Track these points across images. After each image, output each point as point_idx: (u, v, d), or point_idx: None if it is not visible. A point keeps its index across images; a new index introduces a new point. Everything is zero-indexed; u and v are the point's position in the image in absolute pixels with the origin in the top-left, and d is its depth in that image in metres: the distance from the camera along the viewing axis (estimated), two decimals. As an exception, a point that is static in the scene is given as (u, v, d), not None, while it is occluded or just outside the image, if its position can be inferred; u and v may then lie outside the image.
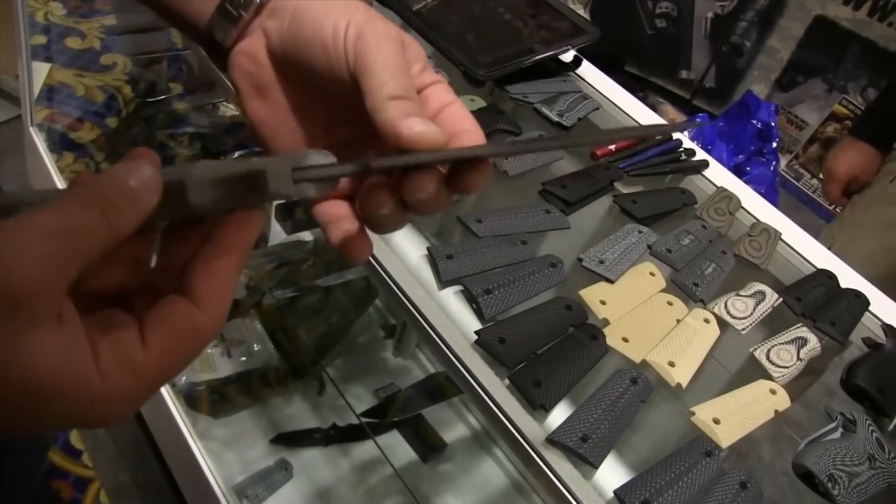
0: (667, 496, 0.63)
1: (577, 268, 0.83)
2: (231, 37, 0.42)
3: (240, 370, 1.51)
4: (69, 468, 1.57)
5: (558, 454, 0.63)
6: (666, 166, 1.04)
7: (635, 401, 0.70)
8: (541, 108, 1.04)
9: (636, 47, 3.32)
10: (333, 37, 0.38)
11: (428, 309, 0.70)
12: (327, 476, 1.43)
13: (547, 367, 0.68)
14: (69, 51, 2.46)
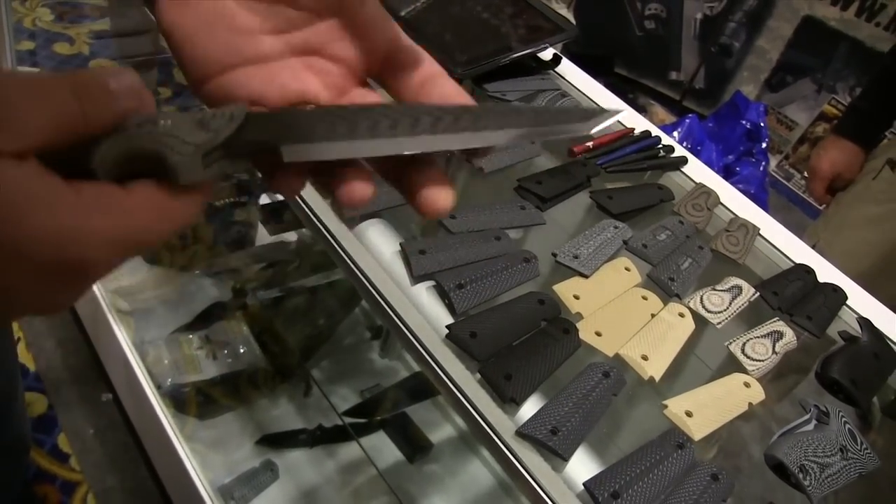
0: (637, 488, 0.63)
1: (552, 263, 0.83)
2: None
3: (225, 372, 1.51)
4: (56, 472, 1.57)
5: (528, 447, 0.63)
6: (644, 163, 1.04)
7: (607, 394, 0.70)
8: (519, 106, 1.04)
9: (625, 49, 3.33)
10: None
11: (399, 304, 0.70)
12: (313, 477, 1.43)
13: (518, 361, 0.69)
14: (57, 56, 2.46)
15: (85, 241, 0.28)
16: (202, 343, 1.52)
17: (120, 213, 0.29)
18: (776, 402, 0.79)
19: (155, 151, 0.30)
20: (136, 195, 0.30)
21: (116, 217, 0.29)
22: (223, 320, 1.56)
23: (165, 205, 0.31)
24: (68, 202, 0.28)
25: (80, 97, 0.29)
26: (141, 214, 0.30)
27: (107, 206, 0.29)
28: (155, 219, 0.31)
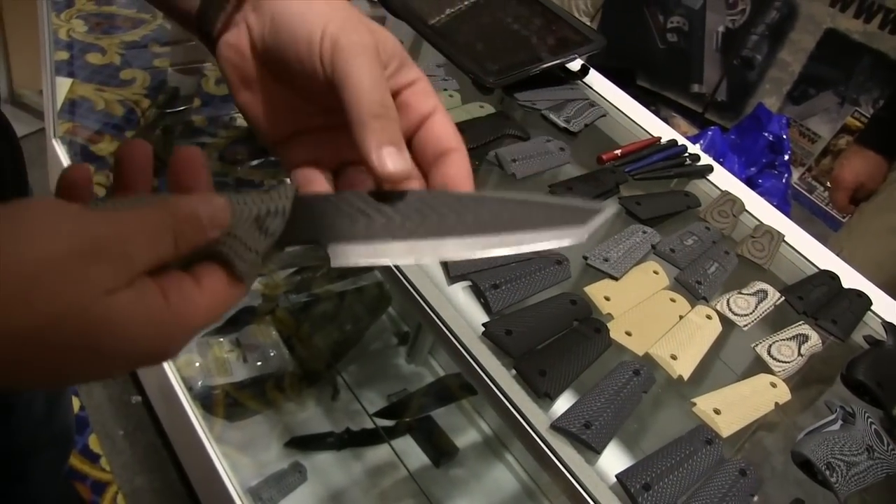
0: (667, 481, 0.65)
1: (583, 266, 0.85)
2: (216, 26, 0.44)
3: (255, 375, 1.54)
4: (87, 471, 1.60)
5: (562, 440, 0.66)
6: (671, 170, 1.06)
7: (637, 391, 0.72)
8: (548, 115, 1.06)
9: (648, 61, 3.35)
10: (308, 47, 0.40)
11: (438, 303, 0.73)
12: (340, 479, 1.45)
13: (552, 358, 0.71)
14: (90, 66, 2.51)
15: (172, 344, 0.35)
16: (233, 346, 1.56)
17: (197, 310, 0.35)
18: (802, 403, 0.81)
19: (224, 257, 0.37)
20: (207, 290, 0.36)
21: (195, 317, 0.35)
22: (253, 324, 1.59)
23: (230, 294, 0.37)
24: (163, 316, 0.34)
25: (176, 238, 0.35)
26: (213, 306, 0.36)
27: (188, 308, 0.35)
28: (222, 307, 0.37)
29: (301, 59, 0.41)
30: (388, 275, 0.77)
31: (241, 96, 0.45)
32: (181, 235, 0.35)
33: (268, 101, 0.45)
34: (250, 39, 0.44)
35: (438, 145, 0.42)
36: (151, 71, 2.52)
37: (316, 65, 0.40)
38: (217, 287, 0.37)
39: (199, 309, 0.36)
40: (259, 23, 0.43)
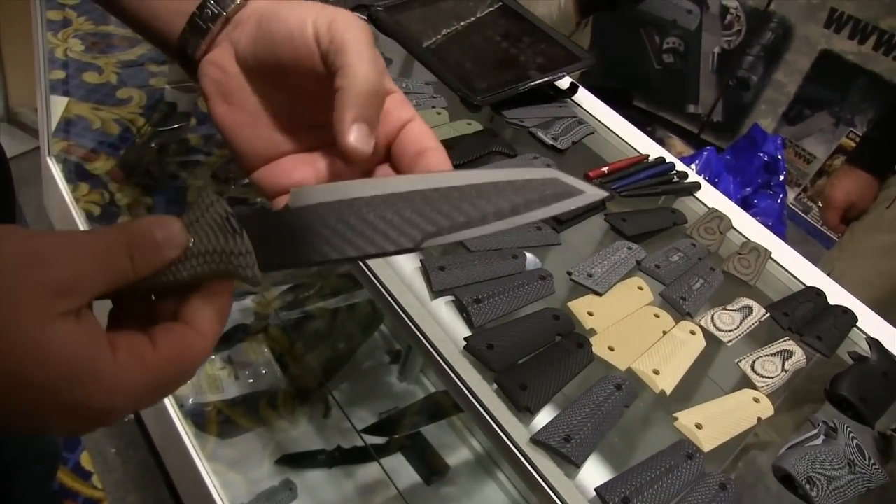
0: (647, 494, 0.65)
1: (567, 281, 0.86)
2: (201, 49, 0.45)
3: (247, 392, 1.54)
4: (79, 489, 1.60)
5: (542, 454, 0.66)
6: (658, 187, 1.07)
7: (619, 405, 0.72)
8: (536, 132, 1.07)
9: (644, 82, 3.38)
10: (300, 28, 0.41)
11: (419, 317, 0.73)
12: (331, 497, 1.45)
13: (533, 373, 0.71)
14: (86, 85, 2.53)
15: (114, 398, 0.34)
16: (224, 363, 1.56)
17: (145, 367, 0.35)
18: (785, 418, 0.81)
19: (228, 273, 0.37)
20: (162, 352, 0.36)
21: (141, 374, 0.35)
22: (245, 342, 1.60)
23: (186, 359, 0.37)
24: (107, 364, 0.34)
25: (133, 258, 0.35)
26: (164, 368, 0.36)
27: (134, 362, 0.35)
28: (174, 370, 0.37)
29: (294, 42, 0.41)
30: (373, 289, 0.77)
31: (217, 110, 0.46)
32: (138, 254, 0.35)
33: (246, 115, 0.45)
34: (235, 53, 0.44)
35: (417, 145, 0.43)
36: (147, 90, 2.54)
37: (310, 43, 0.41)
38: (170, 351, 0.36)
39: (147, 369, 0.35)
40: (244, 33, 0.44)
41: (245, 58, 0.44)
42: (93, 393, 0.33)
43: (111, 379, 0.34)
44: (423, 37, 1.13)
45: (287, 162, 0.46)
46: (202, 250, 0.37)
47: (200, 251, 0.37)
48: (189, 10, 0.45)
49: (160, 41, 0.48)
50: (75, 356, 0.32)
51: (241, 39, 0.44)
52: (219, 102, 0.45)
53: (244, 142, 0.46)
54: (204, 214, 0.38)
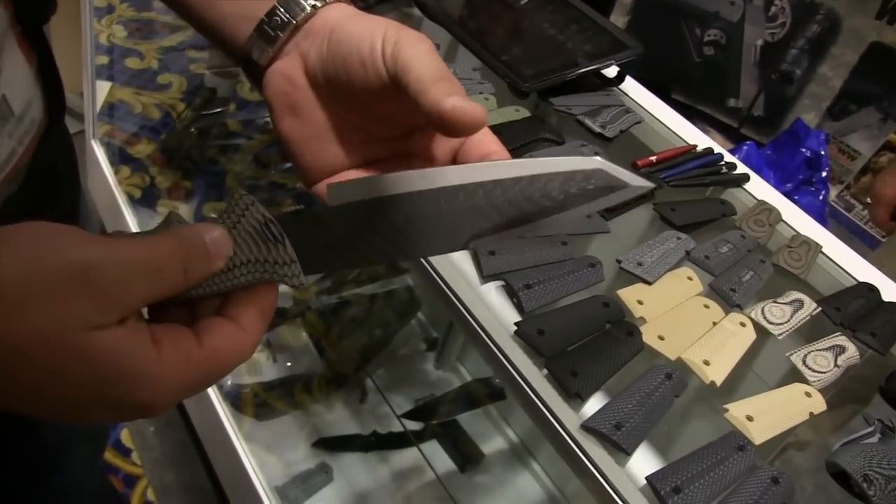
0: (698, 485, 0.64)
1: (616, 270, 0.85)
2: (267, 56, 0.45)
3: (284, 376, 1.55)
4: (119, 465, 1.62)
5: (593, 441, 0.65)
6: (706, 178, 1.05)
7: (669, 395, 0.71)
8: (583, 120, 1.06)
9: (683, 75, 3.33)
10: (370, 49, 0.41)
11: (470, 301, 0.73)
12: (366, 481, 1.46)
13: (583, 359, 0.71)
14: (129, 70, 2.55)
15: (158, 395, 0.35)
16: (263, 347, 1.57)
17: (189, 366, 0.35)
18: (838, 414, 0.80)
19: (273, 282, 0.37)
20: (206, 348, 0.36)
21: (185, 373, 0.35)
22: (283, 326, 1.60)
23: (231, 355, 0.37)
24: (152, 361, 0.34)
25: (188, 273, 0.35)
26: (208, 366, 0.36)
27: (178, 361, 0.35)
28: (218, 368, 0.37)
29: (364, 62, 0.41)
30: (421, 273, 0.77)
31: (283, 123, 0.45)
32: (191, 265, 0.35)
33: (312, 129, 0.45)
34: (305, 66, 0.44)
35: (481, 150, 0.43)
36: (187, 75, 2.56)
37: (378, 63, 0.40)
38: (215, 346, 0.37)
39: (191, 365, 0.35)
40: (315, 46, 0.43)
41: (314, 72, 0.44)
42: (137, 390, 0.34)
43: (155, 377, 0.34)
44: (469, 22, 1.12)
45: (350, 175, 0.46)
46: (244, 260, 0.37)
47: (243, 261, 0.37)
48: (257, 16, 0.45)
49: (225, 45, 0.47)
50: (119, 358, 0.33)
51: (311, 53, 0.44)
52: (285, 115, 0.45)
53: (310, 157, 0.45)
54: (241, 220, 0.37)
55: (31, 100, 0.50)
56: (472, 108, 0.38)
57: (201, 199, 2.03)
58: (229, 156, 2.02)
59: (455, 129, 0.39)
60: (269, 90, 0.45)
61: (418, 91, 0.39)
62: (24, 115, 0.49)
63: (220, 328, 0.37)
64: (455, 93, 0.39)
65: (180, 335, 0.36)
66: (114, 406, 0.34)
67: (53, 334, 0.31)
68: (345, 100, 0.44)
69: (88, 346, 0.32)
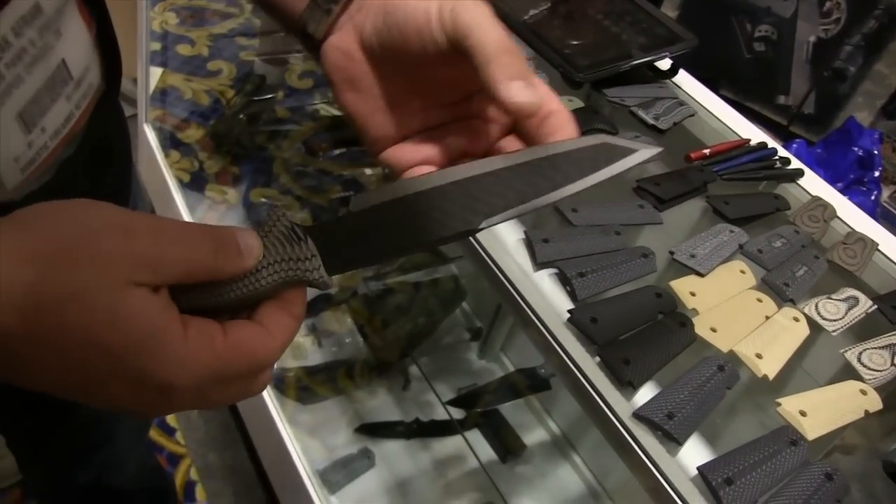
0: (750, 477, 0.64)
1: (668, 261, 0.85)
2: (322, 29, 0.45)
3: (329, 360, 1.57)
4: (164, 444, 1.65)
5: (644, 429, 0.65)
6: (760, 172, 1.04)
7: (721, 387, 0.71)
8: (637, 111, 1.06)
9: (732, 71, 3.29)
10: (426, 16, 0.41)
11: (524, 287, 0.73)
12: (407, 468, 1.47)
13: (636, 348, 0.71)
14: (180, 57, 2.59)
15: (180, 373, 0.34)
16: (308, 331, 1.59)
17: (214, 352, 0.35)
18: (893, 414, 0.79)
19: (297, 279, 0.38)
20: (231, 340, 0.36)
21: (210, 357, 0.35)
22: (329, 311, 1.62)
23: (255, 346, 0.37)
24: (178, 338, 0.34)
25: (217, 254, 0.36)
26: (232, 359, 0.36)
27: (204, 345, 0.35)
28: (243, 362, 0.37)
29: (420, 30, 0.41)
30: (476, 260, 0.78)
31: (345, 97, 0.46)
32: (222, 253, 0.36)
33: (374, 101, 0.45)
34: (360, 39, 0.44)
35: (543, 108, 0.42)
36: (237, 62, 2.59)
37: (435, 31, 0.41)
38: (241, 341, 0.37)
39: (214, 353, 0.35)
40: (370, 18, 0.44)
41: (370, 45, 0.44)
42: (158, 362, 0.34)
43: (178, 352, 0.34)
44: (521, 12, 1.12)
45: (414, 140, 0.46)
46: (271, 261, 0.38)
47: (270, 262, 0.38)
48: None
49: (282, 19, 0.48)
50: (146, 323, 0.33)
51: (366, 25, 0.44)
52: (346, 89, 0.46)
53: (375, 127, 0.46)
54: (272, 229, 0.39)
55: (89, 65, 0.51)
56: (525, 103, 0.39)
57: (249, 185, 2.05)
58: (277, 142, 2.04)
59: (510, 113, 0.40)
60: (327, 64, 0.46)
61: (480, 63, 0.40)
62: (82, 79, 0.50)
63: (246, 327, 0.37)
64: (515, 72, 0.40)
65: (207, 324, 0.36)
66: (133, 380, 0.34)
67: (91, 288, 0.32)
68: (403, 69, 0.44)
69: (121, 303, 0.32)
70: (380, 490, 1.43)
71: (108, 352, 0.33)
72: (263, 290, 0.38)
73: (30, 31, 0.42)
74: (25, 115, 0.45)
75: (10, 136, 0.44)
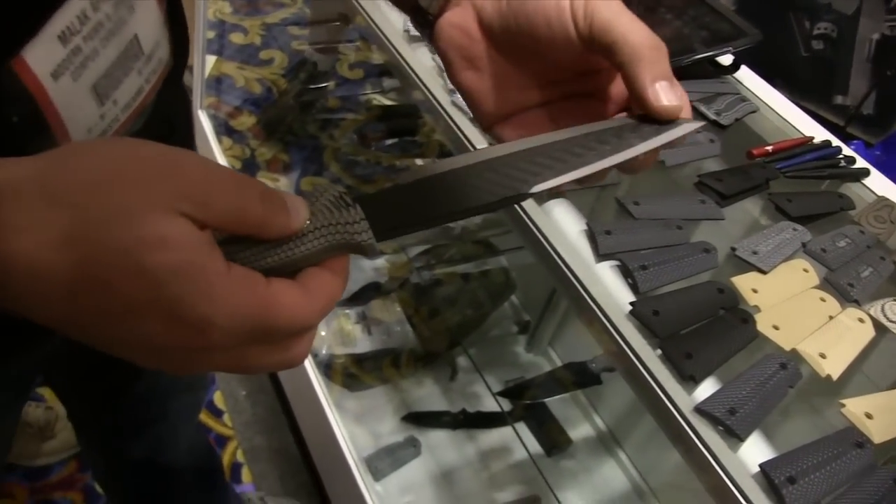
0: (813, 477, 0.63)
1: (729, 257, 0.84)
2: (437, 4, 0.45)
3: (378, 348, 1.58)
4: (211, 425, 1.68)
5: (705, 424, 0.65)
6: (824, 170, 1.03)
7: (783, 385, 0.70)
8: (698, 106, 1.05)
9: (788, 69, 3.23)
10: (558, 10, 0.41)
11: (585, 278, 0.73)
12: (453, 458, 1.47)
13: (698, 343, 0.70)
14: (233, 45, 2.61)
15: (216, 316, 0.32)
16: (358, 319, 1.60)
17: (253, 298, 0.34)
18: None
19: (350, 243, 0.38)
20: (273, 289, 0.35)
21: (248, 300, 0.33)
22: (378, 300, 1.63)
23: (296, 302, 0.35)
24: (220, 273, 0.33)
25: (264, 204, 0.35)
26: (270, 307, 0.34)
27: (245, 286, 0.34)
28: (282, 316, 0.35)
29: (550, 22, 0.41)
30: (538, 248, 0.78)
31: (462, 76, 0.46)
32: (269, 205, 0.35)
33: (491, 80, 0.46)
34: (479, 18, 0.45)
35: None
36: (289, 52, 2.61)
37: (568, 24, 0.41)
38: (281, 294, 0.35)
39: (254, 298, 0.34)
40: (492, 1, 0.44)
41: (490, 25, 0.44)
42: (198, 297, 0.32)
43: (218, 286, 0.32)
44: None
45: (527, 116, 0.47)
46: (318, 226, 0.37)
47: (317, 226, 0.37)
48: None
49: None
50: (190, 251, 0.32)
51: (487, 7, 0.44)
52: (463, 67, 0.46)
53: (489, 104, 0.46)
54: (319, 198, 0.39)
55: (160, 41, 0.52)
56: (670, 106, 0.40)
57: (300, 174, 2.07)
58: (329, 131, 2.05)
59: (654, 114, 0.41)
60: (442, 42, 0.46)
61: (624, 62, 0.40)
62: (152, 54, 0.51)
63: (287, 284, 0.36)
64: (660, 72, 0.40)
65: (251, 271, 0.35)
66: (170, 312, 0.32)
67: (137, 210, 0.31)
68: (522, 51, 0.44)
69: (165, 229, 0.31)
70: (425, 479, 1.44)
71: (147, 275, 0.31)
72: (309, 254, 0.37)
73: (106, 5, 0.43)
74: (99, 87, 0.45)
75: (85, 107, 0.45)
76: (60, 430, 1.51)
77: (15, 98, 0.40)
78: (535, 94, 0.46)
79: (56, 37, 0.40)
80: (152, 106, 0.56)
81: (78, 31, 0.41)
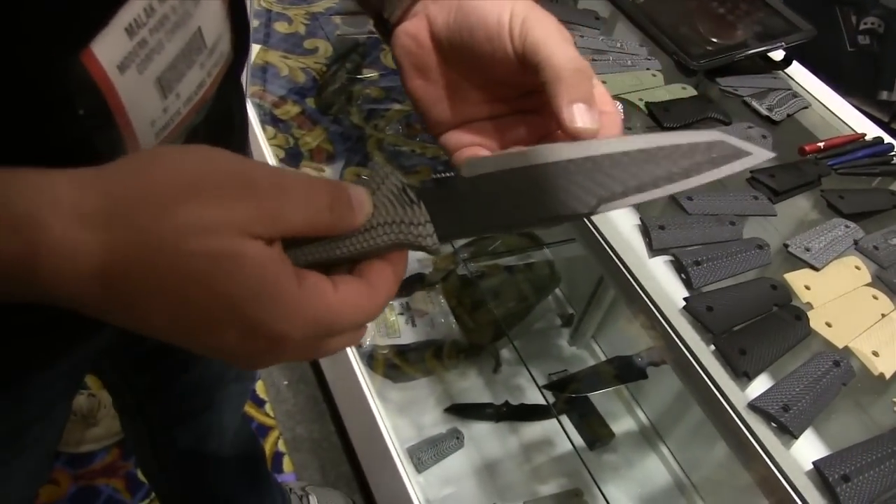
0: (868, 476, 0.63)
1: (782, 253, 0.84)
2: (396, 14, 0.47)
3: (422, 340, 1.59)
4: (253, 414, 1.70)
5: (759, 420, 0.65)
6: (876, 168, 1.02)
7: (836, 382, 0.70)
8: (750, 102, 1.04)
9: (833, 64, 3.17)
10: (498, 24, 0.42)
11: (639, 273, 0.74)
12: (495, 450, 1.48)
13: (751, 339, 0.70)
14: (277, 34, 2.63)
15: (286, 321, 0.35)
16: (403, 310, 1.61)
17: (322, 304, 0.36)
18: None
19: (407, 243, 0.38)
20: (341, 293, 0.37)
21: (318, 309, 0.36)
22: (422, 291, 1.64)
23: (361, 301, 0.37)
24: (293, 291, 0.35)
25: (333, 210, 0.36)
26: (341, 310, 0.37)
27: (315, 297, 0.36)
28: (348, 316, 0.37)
29: (490, 38, 0.43)
30: (592, 243, 0.78)
31: (412, 83, 0.47)
32: (337, 208, 0.37)
33: (439, 90, 0.47)
34: (430, 29, 0.46)
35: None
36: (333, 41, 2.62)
37: (505, 41, 0.42)
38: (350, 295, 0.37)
39: (325, 305, 0.36)
40: (442, 12, 0.45)
41: (439, 37, 0.46)
42: (273, 312, 0.34)
43: (292, 303, 0.34)
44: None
45: (474, 127, 0.48)
46: (381, 221, 0.38)
47: (380, 222, 0.38)
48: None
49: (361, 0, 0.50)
50: (266, 274, 0.33)
51: (438, 19, 0.45)
52: (413, 75, 0.47)
53: (437, 113, 0.48)
54: (380, 186, 0.39)
55: (222, 34, 0.52)
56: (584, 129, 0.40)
57: (344, 164, 2.08)
58: (373, 122, 2.07)
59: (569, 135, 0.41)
60: (396, 49, 0.47)
61: (547, 80, 0.41)
62: (214, 48, 0.51)
63: (353, 282, 0.38)
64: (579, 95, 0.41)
65: (319, 279, 0.37)
66: (249, 329, 0.34)
67: (214, 231, 0.32)
68: (469, 64, 0.46)
69: (241, 252, 0.33)
70: (467, 471, 1.45)
71: (225, 300, 0.33)
72: (373, 250, 0.38)
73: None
74: (163, 80, 0.46)
75: (149, 100, 0.46)
76: (103, 418, 1.53)
77: (82, 90, 0.40)
78: (484, 107, 0.47)
79: (123, 29, 0.41)
80: (212, 100, 0.57)
81: (144, 23, 0.42)
